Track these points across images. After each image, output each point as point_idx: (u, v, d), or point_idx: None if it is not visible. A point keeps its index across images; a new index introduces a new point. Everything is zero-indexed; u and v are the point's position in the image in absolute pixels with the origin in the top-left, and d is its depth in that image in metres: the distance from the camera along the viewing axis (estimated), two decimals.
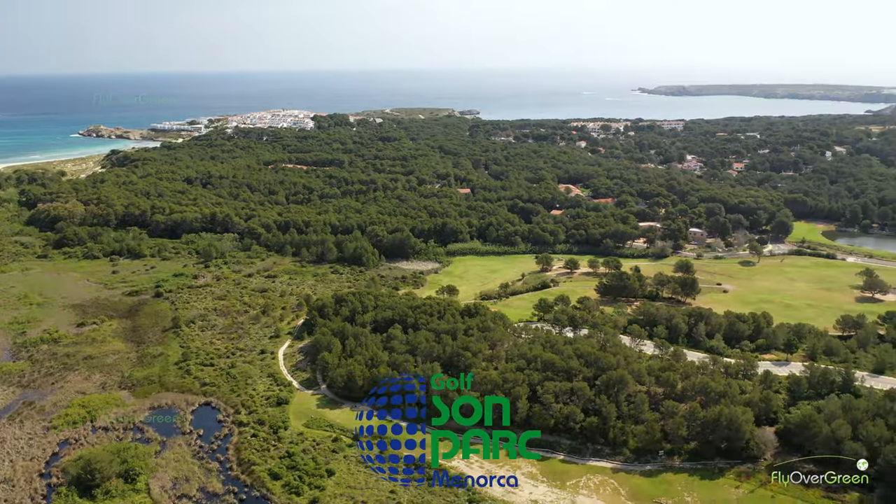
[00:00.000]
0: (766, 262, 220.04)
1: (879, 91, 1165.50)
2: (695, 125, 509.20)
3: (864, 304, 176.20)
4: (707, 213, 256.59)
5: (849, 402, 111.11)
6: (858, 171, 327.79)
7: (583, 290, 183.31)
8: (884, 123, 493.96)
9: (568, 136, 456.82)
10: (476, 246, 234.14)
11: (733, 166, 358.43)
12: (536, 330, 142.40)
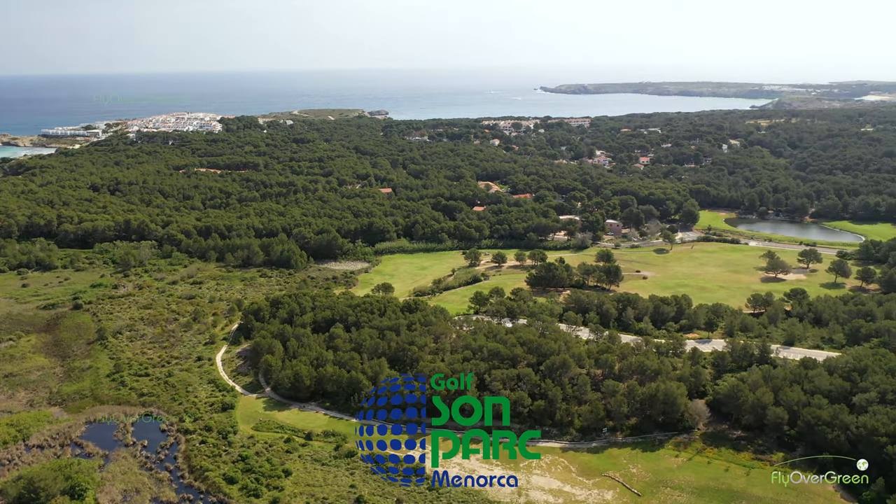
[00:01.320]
0: (678, 249, 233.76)
1: (761, 87, 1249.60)
2: (600, 122, 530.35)
3: (769, 284, 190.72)
4: (621, 205, 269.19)
5: (768, 371, 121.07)
6: (752, 162, 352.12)
7: (513, 283, 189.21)
8: (769, 118, 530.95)
9: (481, 134, 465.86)
10: (404, 244, 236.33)
11: (640, 160, 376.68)
12: (477, 322, 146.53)
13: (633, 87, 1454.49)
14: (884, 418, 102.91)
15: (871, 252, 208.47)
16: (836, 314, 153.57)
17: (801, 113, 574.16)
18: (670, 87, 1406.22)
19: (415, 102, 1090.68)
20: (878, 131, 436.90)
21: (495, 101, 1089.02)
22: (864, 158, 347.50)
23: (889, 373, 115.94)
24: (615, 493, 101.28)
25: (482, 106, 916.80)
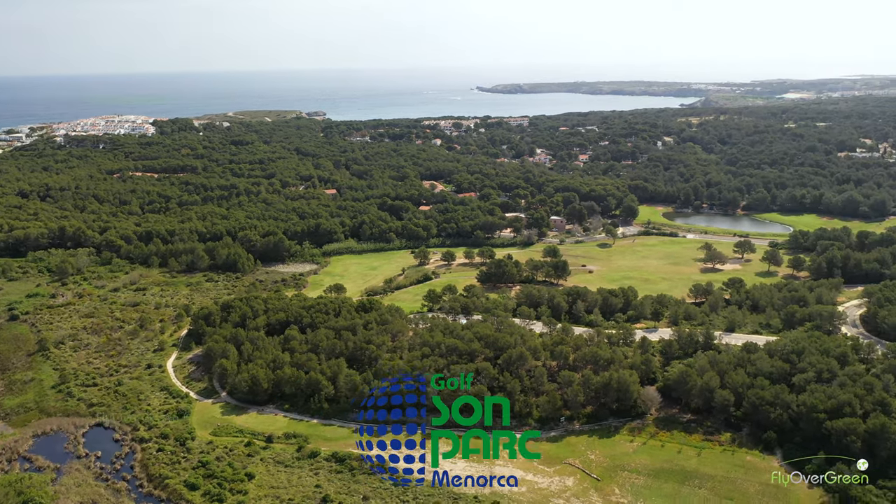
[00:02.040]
0: (621, 244, 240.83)
1: (689, 86, 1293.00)
2: (539, 121, 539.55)
3: (708, 274, 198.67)
4: (564, 202, 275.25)
5: (714, 357, 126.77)
6: (686, 158, 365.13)
7: (464, 280, 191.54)
8: (699, 115, 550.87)
9: (423, 134, 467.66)
10: (352, 245, 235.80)
11: (579, 158, 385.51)
12: (433, 319, 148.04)
13: (567, 86, 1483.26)
14: (821, 396, 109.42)
15: (800, 241, 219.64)
16: (771, 301, 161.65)
17: (729, 110, 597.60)
18: (603, 86, 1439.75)
19: (352, 103, 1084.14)
20: (799, 127, 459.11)
21: (433, 102, 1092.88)
22: (789, 153, 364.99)
23: (824, 353, 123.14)
24: (576, 479, 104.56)
25: (420, 106, 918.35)
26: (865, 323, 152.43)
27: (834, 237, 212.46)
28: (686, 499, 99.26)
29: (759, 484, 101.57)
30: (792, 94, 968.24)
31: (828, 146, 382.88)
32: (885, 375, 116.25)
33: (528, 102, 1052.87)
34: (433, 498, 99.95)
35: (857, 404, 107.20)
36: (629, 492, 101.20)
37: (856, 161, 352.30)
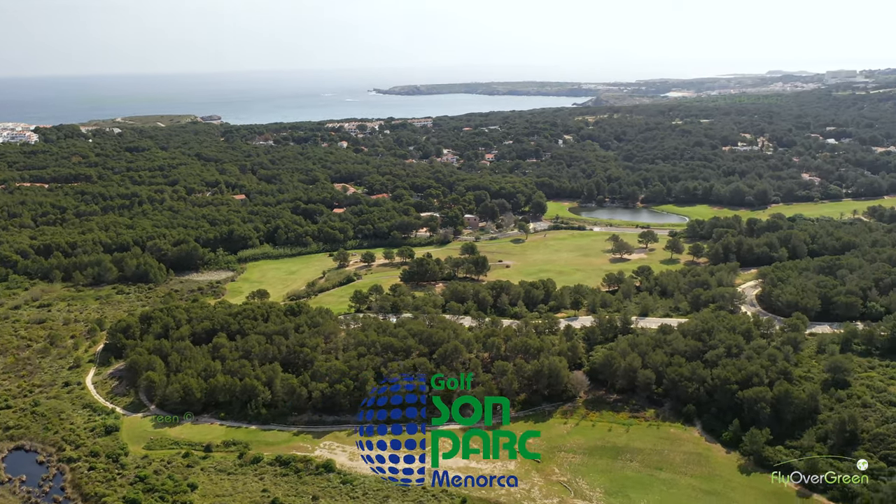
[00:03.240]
0: (533, 239, 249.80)
1: (580, 86, 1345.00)
2: (442, 121, 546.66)
3: (617, 264, 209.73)
4: (476, 200, 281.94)
5: (633, 339, 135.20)
6: (586, 155, 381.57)
7: (387, 280, 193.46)
8: (594, 114, 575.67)
9: (328, 137, 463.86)
10: (268, 250, 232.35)
11: (485, 157, 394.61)
12: (364, 318, 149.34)
13: (464, 87, 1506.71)
14: (732, 369, 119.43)
15: (697, 230, 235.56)
16: (678, 286, 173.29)
17: (621, 109, 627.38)
18: (499, 86, 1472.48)
19: (246, 106, 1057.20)
20: (686, 124, 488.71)
21: (331, 104, 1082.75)
22: (679, 148, 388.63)
23: (731, 331, 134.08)
24: (517, 462, 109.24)
25: (320, 109, 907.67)
26: (761, 301, 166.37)
27: (727, 225, 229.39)
28: (620, 472, 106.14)
29: (683, 453, 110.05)
30: (674, 93, 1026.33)
31: (713, 141, 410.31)
32: (784, 347, 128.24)
33: (428, 103, 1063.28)
34: (385, 491, 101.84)
35: (764, 374, 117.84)
36: (568, 470, 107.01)
37: (739, 154, 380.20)
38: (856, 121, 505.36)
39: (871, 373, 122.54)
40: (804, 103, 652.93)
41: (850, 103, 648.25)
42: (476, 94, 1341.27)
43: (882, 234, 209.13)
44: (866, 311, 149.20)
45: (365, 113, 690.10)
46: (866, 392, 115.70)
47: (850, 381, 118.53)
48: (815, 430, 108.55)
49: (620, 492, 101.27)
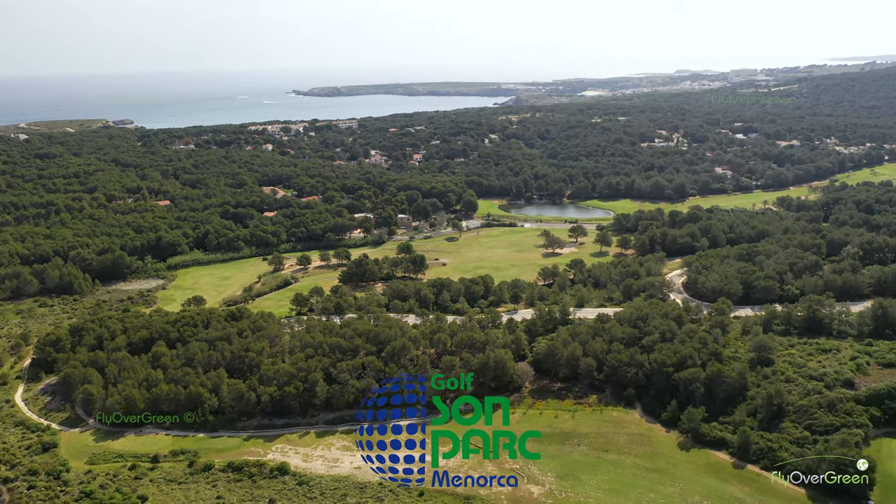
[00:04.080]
0: (466, 236, 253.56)
1: (499, 86, 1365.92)
2: (367, 122, 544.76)
3: (550, 258, 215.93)
4: (408, 200, 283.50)
5: (573, 329, 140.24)
6: (513, 154, 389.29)
7: (325, 282, 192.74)
8: (517, 113, 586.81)
9: (252, 140, 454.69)
10: (198, 256, 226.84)
11: (413, 157, 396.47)
12: (308, 320, 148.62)
13: (384, 88, 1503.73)
14: (668, 353, 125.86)
15: (623, 223, 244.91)
16: (610, 277, 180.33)
17: (543, 108, 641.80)
18: (419, 87, 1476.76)
19: (157, 110, 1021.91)
20: (605, 122, 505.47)
21: (248, 107, 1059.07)
22: (601, 145, 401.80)
23: (664, 317, 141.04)
24: (473, 455, 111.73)
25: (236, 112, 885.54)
26: (688, 288, 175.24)
27: (651, 218, 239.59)
28: (569, 456, 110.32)
29: (627, 434, 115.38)
30: (590, 92, 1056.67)
31: (632, 138, 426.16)
32: (713, 330, 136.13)
33: (349, 104, 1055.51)
34: (343, 489, 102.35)
35: (697, 356, 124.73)
36: (519, 458, 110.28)
37: (656, 150, 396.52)
38: (760, 116, 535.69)
39: (791, 350, 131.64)
40: (713, 100, 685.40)
41: (753, 100, 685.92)
42: (397, 95, 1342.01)
43: (792, 223, 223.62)
44: (783, 294, 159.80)
45: (288, 115, 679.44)
46: (789, 368, 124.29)
47: (773, 359, 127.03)
48: (746, 405, 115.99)
49: (571, 475, 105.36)
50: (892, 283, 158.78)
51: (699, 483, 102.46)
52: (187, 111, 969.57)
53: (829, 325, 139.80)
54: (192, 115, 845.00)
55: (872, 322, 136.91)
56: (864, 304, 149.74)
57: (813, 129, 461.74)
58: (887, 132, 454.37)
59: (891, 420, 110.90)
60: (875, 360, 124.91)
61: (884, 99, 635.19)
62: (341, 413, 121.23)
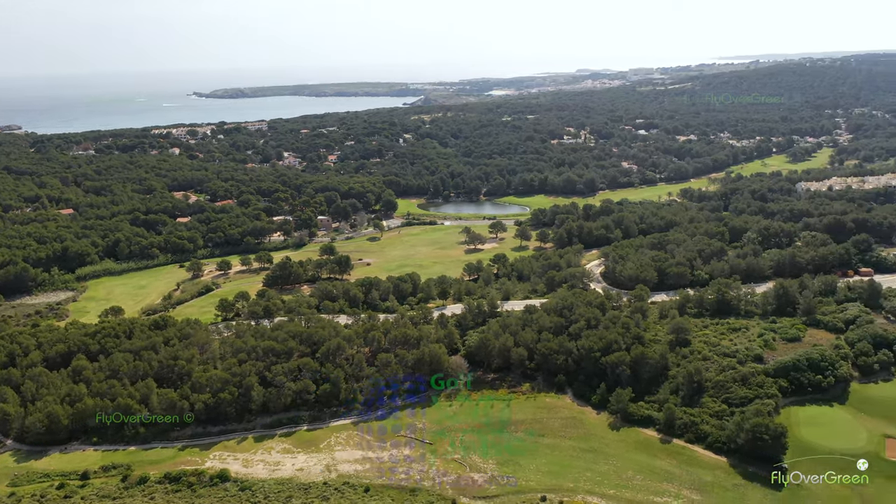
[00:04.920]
0: (388, 236, 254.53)
1: (407, 86, 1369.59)
2: (278, 124, 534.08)
3: (472, 254, 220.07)
4: (327, 202, 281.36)
5: (503, 321, 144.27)
6: (427, 153, 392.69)
7: (249, 286, 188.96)
8: (429, 113, 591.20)
9: (157, 143, 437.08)
10: (110, 266, 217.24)
11: (328, 158, 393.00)
12: (237, 325, 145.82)
13: (290, 89, 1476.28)
14: (594, 339, 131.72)
15: (540, 218, 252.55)
16: (533, 270, 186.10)
17: (454, 108, 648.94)
18: (327, 88, 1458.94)
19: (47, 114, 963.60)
20: (515, 120, 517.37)
21: (148, 110, 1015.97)
22: (513, 143, 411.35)
23: (588, 305, 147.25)
24: (411, 447, 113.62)
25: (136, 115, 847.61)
26: (606, 278, 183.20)
27: (566, 212, 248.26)
28: (507, 443, 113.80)
29: (561, 419, 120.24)
30: (497, 91, 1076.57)
31: (542, 135, 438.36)
32: (634, 315, 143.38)
33: (255, 106, 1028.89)
34: (287, 492, 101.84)
35: (621, 341, 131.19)
36: (460, 448, 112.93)
37: (566, 147, 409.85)
38: (659, 113, 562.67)
39: (705, 331, 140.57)
40: (614, 98, 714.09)
41: (651, 98, 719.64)
42: (304, 96, 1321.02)
43: (696, 212, 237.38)
44: (694, 279, 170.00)
45: (192, 118, 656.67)
46: (704, 347, 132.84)
47: (690, 340, 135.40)
48: (668, 384, 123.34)
49: (511, 461, 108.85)
50: (790, 265, 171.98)
51: (631, 459, 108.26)
52: (81, 115, 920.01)
53: (737, 306, 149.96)
54: (87, 119, 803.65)
55: (775, 301, 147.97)
56: (766, 286, 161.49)
57: (708, 125, 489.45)
58: (773, 126, 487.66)
59: (797, 390, 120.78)
60: (780, 336, 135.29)
61: (767, 95, 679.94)
62: (279, 416, 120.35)
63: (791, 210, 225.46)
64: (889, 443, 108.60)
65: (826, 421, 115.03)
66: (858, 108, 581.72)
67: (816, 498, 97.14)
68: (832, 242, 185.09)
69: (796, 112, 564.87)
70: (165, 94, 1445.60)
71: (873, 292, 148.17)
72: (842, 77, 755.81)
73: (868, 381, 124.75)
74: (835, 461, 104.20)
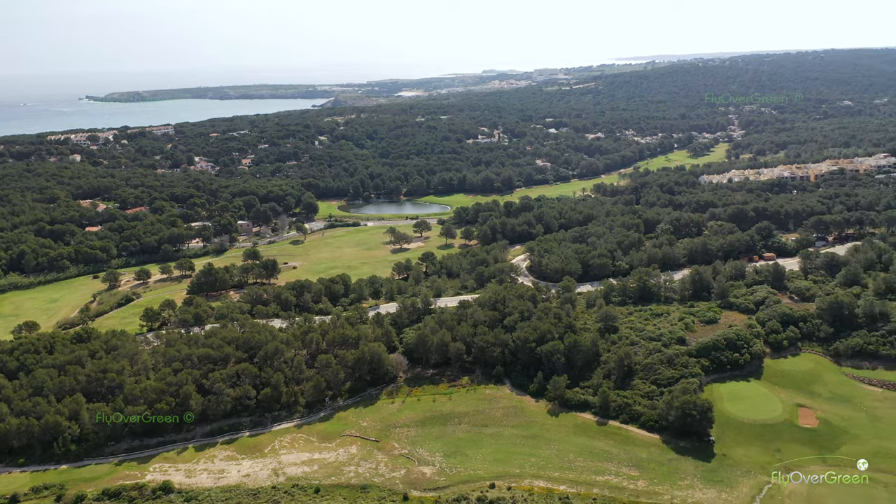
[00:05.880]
0: (312, 238, 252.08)
1: (315, 88, 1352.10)
2: (185, 128, 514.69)
3: (399, 254, 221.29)
4: (246, 206, 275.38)
5: (439, 317, 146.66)
6: (345, 155, 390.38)
7: (173, 294, 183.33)
8: (342, 115, 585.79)
9: (55, 150, 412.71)
10: (16, 280, 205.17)
11: (242, 162, 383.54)
12: (168, 334, 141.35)
13: (192, 92, 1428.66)
14: (529, 330, 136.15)
15: (463, 216, 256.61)
16: (462, 266, 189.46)
17: (367, 109, 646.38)
18: (231, 90, 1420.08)
19: None
20: (429, 121, 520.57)
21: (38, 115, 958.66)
22: (430, 143, 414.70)
23: (520, 298, 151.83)
24: (358, 446, 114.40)
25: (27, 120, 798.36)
26: (532, 271, 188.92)
27: (489, 209, 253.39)
28: (452, 435, 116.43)
29: (502, 409, 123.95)
30: (406, 92, 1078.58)
31: (457, 135, 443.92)
32: (564, 306, 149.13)
33: (156, 110, 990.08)
34: (235, 499, 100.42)
35: (554, 330, 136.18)
36: (407, 443, 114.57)
37: (482, 146, 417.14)
38: (567, 112, 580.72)
39: (630, 317, 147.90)
40: (523, 98, 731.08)
41: (559, 97, 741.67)
42: (207, 99, 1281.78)
43: (611, 206, 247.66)
44: (616, 269, 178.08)
45: (91, 122, 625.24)
46: (631, 333, 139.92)
47: (618, 327, 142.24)
48: (601, 369, 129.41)
49: (457, 452, 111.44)
50: (702, 252, 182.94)
51: (571, 443, 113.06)
52: None
53: (658, 293, 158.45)
54: None
55: (691, 287, 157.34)
56: (682, 273, 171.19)
57: (614, 123, 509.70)
58: (674, 123, 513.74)
59: (717, 368, 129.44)
60: (698, 319, 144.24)
61: (667, 94, 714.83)
62: (219, 423, 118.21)
63: (698, 202, 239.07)
64: (801, 411, 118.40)
65: (745, 395, 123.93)
66: (748, 104, 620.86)
67: (738, 465, 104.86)
68: (738, 230, 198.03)
69: (693, 109, 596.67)
70: (55, 99, 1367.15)
71: (778, 275, 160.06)
72: (731, 76, 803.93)
73: (779, 357, 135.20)
74: (755, 428, 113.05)
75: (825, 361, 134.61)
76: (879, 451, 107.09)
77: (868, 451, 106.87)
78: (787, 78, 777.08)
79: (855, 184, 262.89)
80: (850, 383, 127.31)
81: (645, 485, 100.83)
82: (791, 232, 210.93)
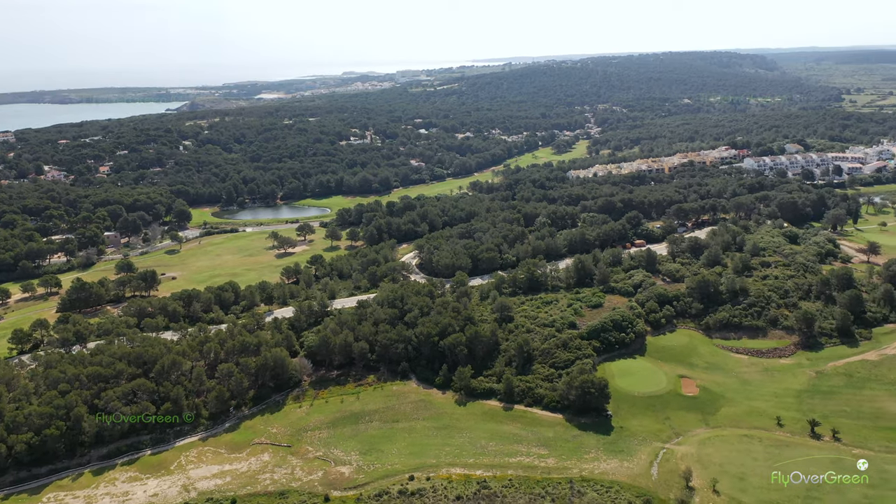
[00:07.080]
0: (188, 247, 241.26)
1: (168, 91, 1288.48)
2: (27, 135, 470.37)
3: (285, 258, 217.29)
4: (111, 216, 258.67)
5: (339, 317, 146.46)
6: (213, 160, 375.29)
7: (40, 313, 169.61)
8: (205, 118, 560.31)
9: None
10: None
11: (100, 170, 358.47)
12: (47, 356, 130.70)
13: (26, 96, 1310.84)
14: (430, 325, 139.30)
15: (346, 218, 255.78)
16: (352, 267, 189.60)
17: (231, 112, 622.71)
18: (71, 94, 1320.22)
19: None
20: (298, 123, 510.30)
21: None
22: (302, 146, 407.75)
23: (417, 294, 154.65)
24: (270, 453, 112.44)
25: None
26: (423, 268, 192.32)
27: (372, 209, 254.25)
28: (365, 433, 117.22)
29: (411, 403, 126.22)
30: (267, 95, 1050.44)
31: (330, 137, 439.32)
32: (461, 300, 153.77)
33: None
34: None
35: (455, 324, 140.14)
36: (321, 446, 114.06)
37: (355, 147, 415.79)
38: (434, 112, 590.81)
39: (523, 307, 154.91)
40: (390, 100, 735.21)
41: (424, 98, 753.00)
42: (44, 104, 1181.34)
43: (490, 202, 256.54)
44: (504, 262, 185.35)
45: None
46: (526, 321, 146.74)
47: (513, 316, 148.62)
48: (502, 357, 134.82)
49: (372, 449, 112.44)
50: (581, 242, 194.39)
51: (481, 429, 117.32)
52: None
53: (545, 282, 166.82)
54: None
55: (576, 275, 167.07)
56: (565, 262, 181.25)
57: (480, 122, 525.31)
58: (536, 122, 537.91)
59: (607, 348, 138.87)
60: (585, 304, 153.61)
61: (526, 94, 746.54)
62: (117, 444, 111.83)
63: (570, 195, 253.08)
64: (683, 382, 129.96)
65: (634, 371, 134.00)
66: (601, 104, 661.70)
67: (635, 435, 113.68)
68: (611, 220, 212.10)
69: (552, 109, 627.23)
70: None
71: (650, 259, 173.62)
72: (584, 77, 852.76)
73: (658, 334, 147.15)
74: (645, 400, 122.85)
75: (698, 335, 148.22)
76: (752, 410, 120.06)
77: (742, 411, 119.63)
78: (632, 79, 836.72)
79: (704, 174, 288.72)
80: (721, 353, 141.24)
81: (555, 461, 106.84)
82: (655, 220, 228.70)
